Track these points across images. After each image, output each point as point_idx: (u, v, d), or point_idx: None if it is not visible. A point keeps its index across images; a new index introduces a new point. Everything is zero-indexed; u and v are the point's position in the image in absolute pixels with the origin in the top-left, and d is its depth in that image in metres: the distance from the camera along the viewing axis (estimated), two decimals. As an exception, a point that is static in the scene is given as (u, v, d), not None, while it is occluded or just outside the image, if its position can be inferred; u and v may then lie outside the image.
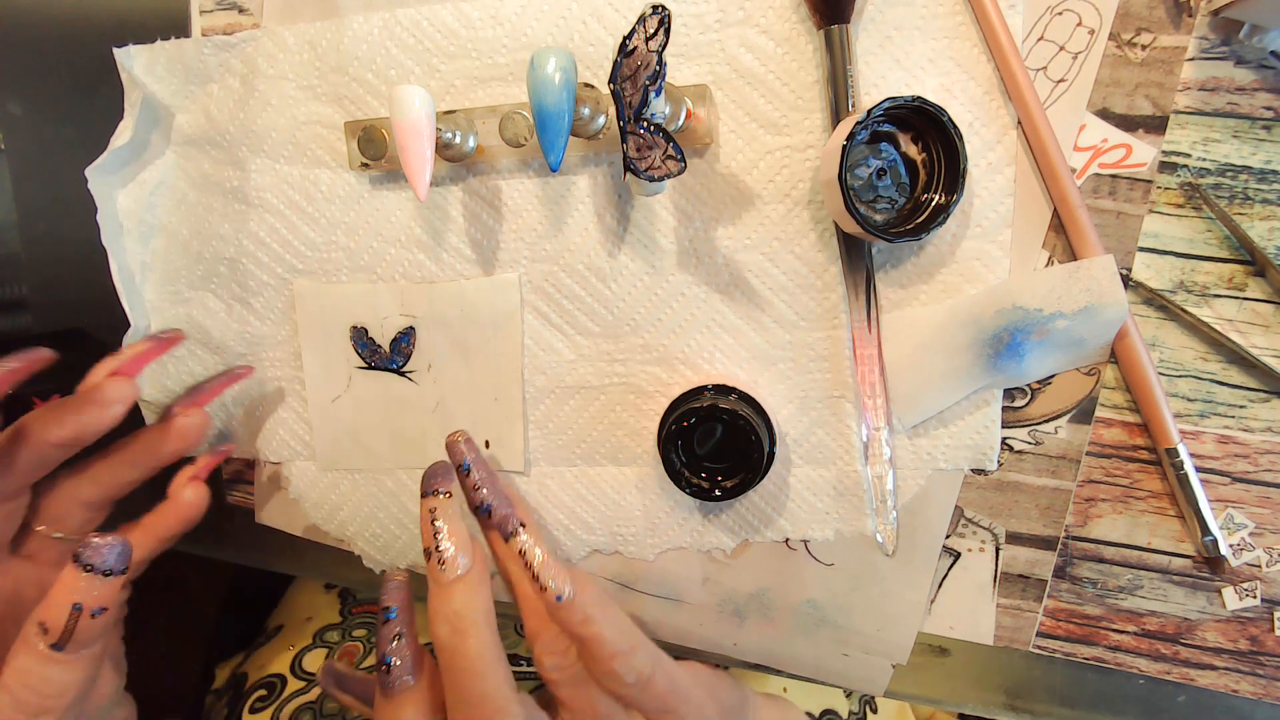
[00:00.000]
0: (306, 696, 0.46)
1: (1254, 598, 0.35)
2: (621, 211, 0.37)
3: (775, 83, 0.35)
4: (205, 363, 0.45)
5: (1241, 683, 0.35)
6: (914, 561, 0.37)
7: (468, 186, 0.39)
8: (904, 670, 0.39)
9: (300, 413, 0.44)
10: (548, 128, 0.30)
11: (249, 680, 0.49)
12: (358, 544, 0.45)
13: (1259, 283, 0.33)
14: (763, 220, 0.36)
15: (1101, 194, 0.33)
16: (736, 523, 0.39)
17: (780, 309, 0.37)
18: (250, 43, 0.40)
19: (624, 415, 0.39)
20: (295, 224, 0.41)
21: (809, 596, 0.39)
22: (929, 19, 0.33)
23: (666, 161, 0.30)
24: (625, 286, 0.38)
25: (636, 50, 0.28)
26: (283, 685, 0.47)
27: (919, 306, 0.35)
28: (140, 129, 0.42)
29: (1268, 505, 0.34)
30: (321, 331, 0.41)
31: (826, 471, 0.38)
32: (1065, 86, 0.33)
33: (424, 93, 0.32)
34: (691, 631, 0.41)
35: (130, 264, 0.44)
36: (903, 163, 0.33)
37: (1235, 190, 0.32)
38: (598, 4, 0.35)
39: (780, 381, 0.37)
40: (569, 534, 0.41)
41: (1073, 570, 0.36)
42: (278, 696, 0.47)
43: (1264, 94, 0.31)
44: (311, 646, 0.50)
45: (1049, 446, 0.35)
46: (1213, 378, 0.34)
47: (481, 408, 0.40)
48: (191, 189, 0.43)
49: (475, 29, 0.37)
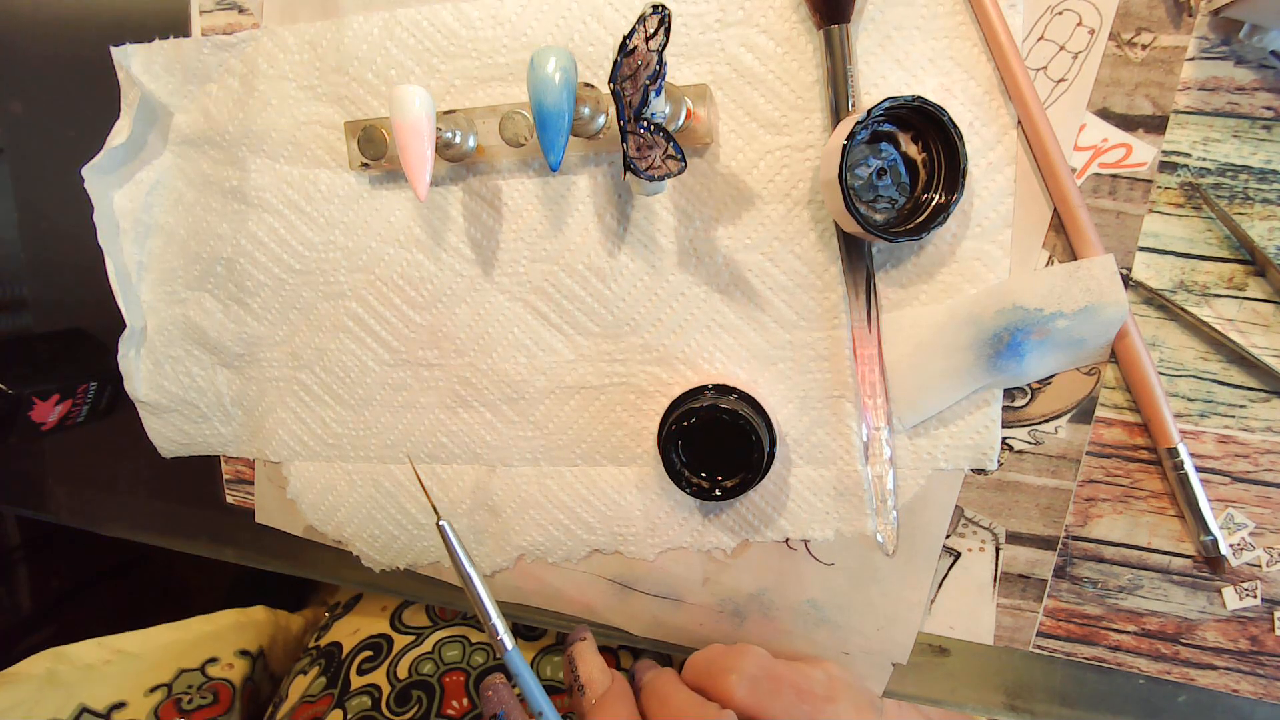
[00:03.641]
0: (421, 648, 0.46)
1: (1254, 597, 0.35)
2: (621, 211, 0.37)
3: (775, 82, 0.35)
4: (202, 362, 0.45)
5: (1241, 683, 0.35)
6: (914, 561, 0.37)
7: (468, 186, 0.39)
8: (904, 670, 0.39)
9: (299, 413, 0.44)
10: (548, 128, 0.30)
11: (346, 648, 0.48)
12: (356, 544, 0.45)
13: (1259, 282, 0.33)
14: (763, 220, 0.36)
15: (1101, 194, 0.33)
16: (736, 523, 0.39)
17: (780, 309, 0.37)
18: (250, 43, 0.40)
19: (624, 415, 0.39)
20: (294, 224, 0.41)
21: (809, 596, 0.39)
22: (929, 19, 0.33)
23: (666, 161, 0.29)
24: (625, 286, 0.38)
25: (636, 50, 0.28)
26: (389, 644, 0.47)
27: (919, 306, 0.35)
28: (138, 128, 0.42)
29: (1268, 505, 0.34)
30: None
31: (826, 471, 0.38)
32: (1065, 86, 0.33)
33: (424, 93, 0.32)
34: (691, 631, 0.41)
35: (127, 264, 0.44)
36: (903, 162, 0.33)
37: (1235, 190, 0.32)
38: (598, 4, 0.35)
39: (780, 381, 0.37)
40: (569, 534, 0.41)
41: (1073, 570, 0.36)
42: (387, 655, 0.46)
43: (1264, 94, 0.31)
44: (408, 603, 0.50)
45: (1049, 446, 0.35)
46: (1213, 377, 0.33)
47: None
48: (189, 189, 0.43)
49: (475, 29, 0.37)
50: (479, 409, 0.41)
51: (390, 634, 0.48)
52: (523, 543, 0.42)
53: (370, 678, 0.44)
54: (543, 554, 0.42)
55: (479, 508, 0.42)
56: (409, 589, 0.46)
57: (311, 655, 0.51)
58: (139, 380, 0.46)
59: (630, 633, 0.42)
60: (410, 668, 0.44)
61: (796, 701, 0.33)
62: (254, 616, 0.57)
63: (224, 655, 0.51)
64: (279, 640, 0.57)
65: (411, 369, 0.41)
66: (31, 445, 0.52)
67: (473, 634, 0.46)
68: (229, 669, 0.50)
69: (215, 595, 0.72)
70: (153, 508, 0.50)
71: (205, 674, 0.49)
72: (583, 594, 0.42)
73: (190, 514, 0.49)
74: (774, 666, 0.35)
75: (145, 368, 0.46)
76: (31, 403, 0.44)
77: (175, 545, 0.51)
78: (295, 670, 0.51)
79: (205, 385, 0.45)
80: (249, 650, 0.53)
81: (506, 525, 0.42)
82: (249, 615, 0.56)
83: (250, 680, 0.51)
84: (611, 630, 0.42)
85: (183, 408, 0.46)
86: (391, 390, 0.42)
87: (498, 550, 0.42)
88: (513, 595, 0.43)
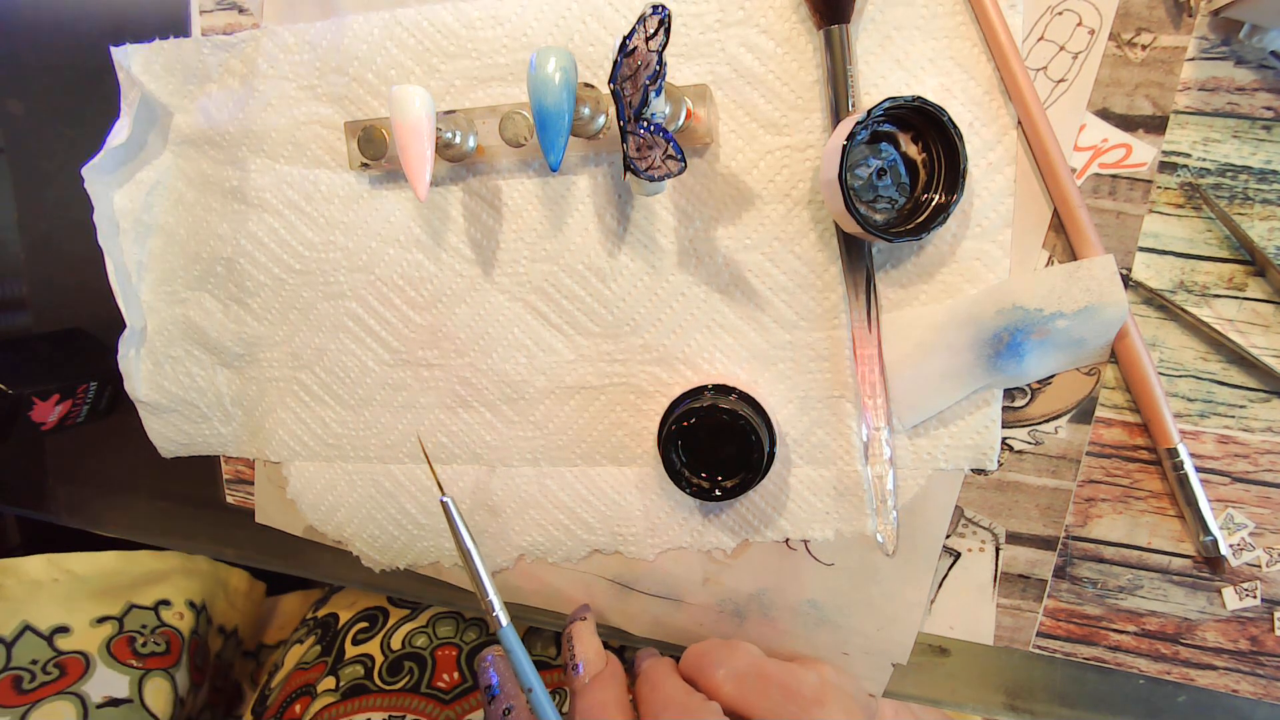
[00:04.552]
0: (415, 622, 0.46)
1: (1254, 598, 0.35)
2: (621, 211, 0.37)
3: (775, 83, 0.35)
4: (202, 363, 0.45)
5: (1241, 683, 0.35)
6: (914, 561, 0.37)
7: (468, 186, 0.39)
8: (904, 670, 0.39)
9: (299, 413, 0.44)
10: (548, 128, 0.30)
11: (341, 619, 0.49)
12: (355, 544, 0.45)
13: (1259, 283, 0.33)
14: (763, 220, 0.36)
15: (1101, 194, 0.33)
16: (736, 523, 0.39)
17: (780, 309, 0.37)
18: (250, 43, 0.40)
19: (624, 415, 0.39)
20: (294, 224, 0.41)
21: (809, 596, 0.39)
22: (929, 19, 0.33)
23: (666, 161, 0.29)
24: (625, 286, 0.38)
25: (636, 50, 0.28)
26: (385, 616, 0.48)
27: (919, 306, 0.35)
28: (138, 128, 0.42)
29: (1268, 505, 0.34)
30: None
31: (826, 471, 0.38)
32: (1065, 86, 0.33)
33: (424, 93, 0.32)
34: (691, 631, 0.41)
35: (127, 264, 0.44)
36: (903, 163, 0.33)
37: (1235, 190, 0.32)
38: (598, 4, 0.35)
39: (780, 381, 0.37)
40: (569, 534, 0.41)
41: (1073, 570, 0.36)
42: (382, 626, 0.47)
43: (1264, 94, 0.31)
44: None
45: (1049, 446, 0.35)
46: (1213, 378, 0.33)
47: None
48: (189, 189, 0.43)
49: (475, 29, 0.37)
50: (479, 409, 0.41)
51: (386, 606, 0.48)
52: (523, 543, 0.42)
53: (364, 648, 0.45)
54: (543, 554, 0.42)
55: (479, 508, 0.42)
56: (409, 589, 0.46)
57: (309, 625, 0.51)
58: (139, 380, 0.46)
59: (630, 633, 0.42)
60: (404, 640, 0.44)
61: (783, 701, 0.33)
62: (199, 565, 0.56)
63: (176, 602, 0.51)
64: (219, 593, 0.57)
65: (411, 369, 0.41)
66: (31, 445, 0.52)
67: (467, 610, 0.46)
68: (179, 618, 0.50)
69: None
70: (153, 508, 0.50)
71: (159, 617, 0.49)
72: (583, 594, 0.42)
73: (190, 514, 0.49)
74: (764, 665, 0.35)
75: (145, 368, 0.46)
76: (31, 403, 0.44)
77: (175, 545, 0.51)
78: (292, 639, 0.52)
79: (205, 385, 0.45)
80: (195, 603, 0.53)
81: (506, 525, 0.42)
82: (194, 562, 0.56)
83: (196, 633, 0.51)
84: (611, 630, 0.42)
85: (183, 408, 0.46)
86: (391, 390, 0.42)
87: (498, 550, 0.42)
88: (513, 595, 0.43)
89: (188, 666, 0.48)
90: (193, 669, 0.49)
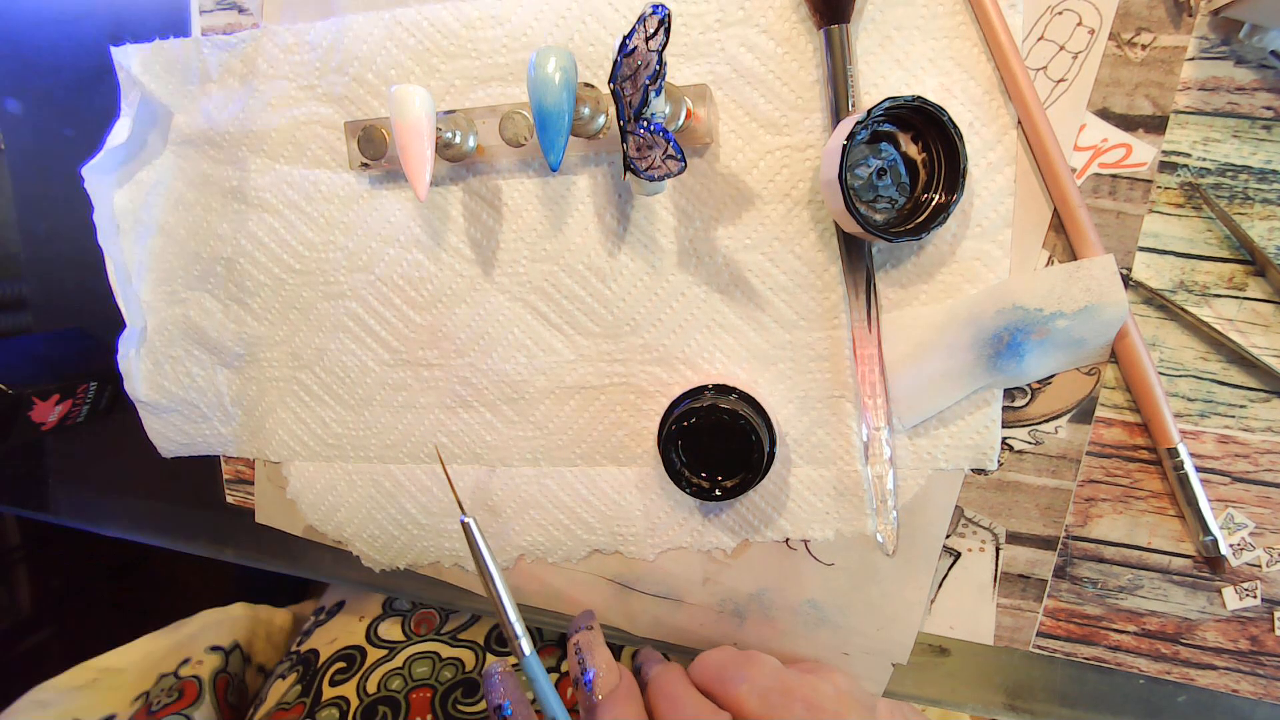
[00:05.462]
0: (392, 664, 0.46)
1: (1254, 598, 0.35)
2: (621, 211, 0.37)
3: (775, 83, 0.35)
4: (202, 363, 0.45)
5: (1241, 683, 0.35)
6: (914, 561, 0.37)
7: (468, 186, 0.39)
8: (904, 670, 0.39)
9: (299, 413, 0.44)
10: (548, 127, 0.30)
11: (322, 656, 0.49)
12: (356, 544, 0.45)
13: (1259, 282, 0.33)
14: (763, 220, 0.36)
15: (1101, 194, 0.33)
16: (736, 523, 0.39)
17: (780, 309, 0.37)
18: (250, 43, 0.40)
19: (624, 415, 0.39)
20: (294, 224, 0.41)
21: (809, 596, 0.39)
22: (929, 19, 0.33)
23: (666, 161, 0.29)
24: (625, 286, 0.38)
25: (636, 50, 0.28)
26: (363, 656, 0.47)
27: (919, 306, 0.35)
28: (138, 128, 0.42)
29: (1268, 505, 0.34)
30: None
31: (826, 471, 0.38)
32: (1065, 86, 0.33)
33: (424, 93, 0.32)
34: (691, 631, 0.41)
35: (126, 264, 0.44)
36: (903, 162, 0.33)
37: (1235, 190, 0.32)
38: (598, 4, 0.35)
39: (780, 381, 0.37)
40: (569, 534, 0.41)
41: (1073, 570, 0.36)
42: (359, 667, 0.47)
43: (1264, 94, 0.31)
44: (384, 616, 0.50)
45: (1049, 446, 0.35)
46: (1213, 377, 0.33)
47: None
48: (189, 189, 0.43)
49: (475, 29, 0.37)
50: (479, 409, 0.41)
51: (364, 646, 0.48)
52: (523, 543, 0.42)
53: (341, 689, 0.45)
54: (543, 554, 0.42)
55: (479, 508, 0.42)
56: (409, 589, 0.46)
57: (291, 660, 0.51)
58: (139, 380, 0.46)
59: (630, 633, 0.42)
60: (380, 683, 0.44)
61: (806, 716, 0.33)
62: (231, 613, 0.57)
63: (195, 654, 0.52)
64: (259, 633, 0.57)
65: (411, 369, 0.41)
66: (31, 445, 0.52)
67: (444, 650, 0.46)
68: (198, 665, 0.51)
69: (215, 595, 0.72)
70: (153, 508, 0.50)
71: (178, 675, 0.50)
72: (583, 594, 0.42)
73: (190, 514, 0.49)
74: (785, 678, 0.34)
75: (145, 368, 0.46)
76: (31, 403, 0.44)
77: (175, 545, 0.51)
78: (275, 673, 0.52)
79: (205, 385, 0.45)
80: (220, 645, 0.53)
81: (506, 525, 0.42)
82: (226, 613, 0.56)
83: (224, 672, 0.51)
84: (612, 630, 0.42)
85: (183, 408, 0.46)
86: (391, 390, 0.42)
87: (498, 550, 0.42)
88: (513, 596, 0.43)
89: (213, 704, 0.49)
90: (222, 705, 0.50)
